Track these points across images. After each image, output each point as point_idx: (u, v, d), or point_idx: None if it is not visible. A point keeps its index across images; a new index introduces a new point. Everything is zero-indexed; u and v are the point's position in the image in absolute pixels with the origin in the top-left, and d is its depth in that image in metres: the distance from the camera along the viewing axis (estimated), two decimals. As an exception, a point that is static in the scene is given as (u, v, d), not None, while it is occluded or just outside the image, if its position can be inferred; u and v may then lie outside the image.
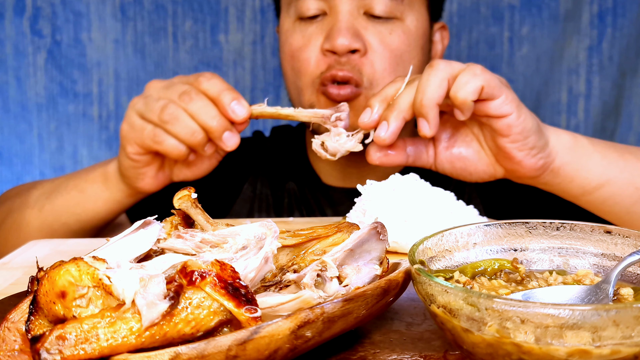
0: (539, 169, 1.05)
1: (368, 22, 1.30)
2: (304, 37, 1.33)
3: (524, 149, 1.02)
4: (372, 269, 0.70)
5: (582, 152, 1.08)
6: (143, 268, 0.64)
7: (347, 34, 1.26)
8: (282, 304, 0.61)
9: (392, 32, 1.32)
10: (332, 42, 1.27)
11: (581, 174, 1.08)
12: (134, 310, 0.56)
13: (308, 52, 1.32)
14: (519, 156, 1.03)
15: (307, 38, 1.32)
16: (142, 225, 0.71)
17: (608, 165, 1.09)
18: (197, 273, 0.57)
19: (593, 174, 1.08)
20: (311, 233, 0.74)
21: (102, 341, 0.55)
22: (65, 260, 0.60)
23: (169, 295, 0.56)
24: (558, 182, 1.09)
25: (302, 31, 1.33)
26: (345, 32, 1.26)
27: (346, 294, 0.63)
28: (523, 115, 1.01)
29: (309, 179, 1.51)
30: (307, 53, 1.32)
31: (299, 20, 1.34)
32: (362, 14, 1.30)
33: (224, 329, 0.58)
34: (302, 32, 1.33)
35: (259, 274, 0.65)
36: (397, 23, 1.32)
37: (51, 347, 0.54)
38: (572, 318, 0.52)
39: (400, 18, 1.32)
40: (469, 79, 0.96)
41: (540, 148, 1.04)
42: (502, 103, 0.99)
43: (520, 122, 1.00)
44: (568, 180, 1.08)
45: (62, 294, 0.58)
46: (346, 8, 1.28)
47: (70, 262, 0.59)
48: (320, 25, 1.31)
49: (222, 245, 0.69)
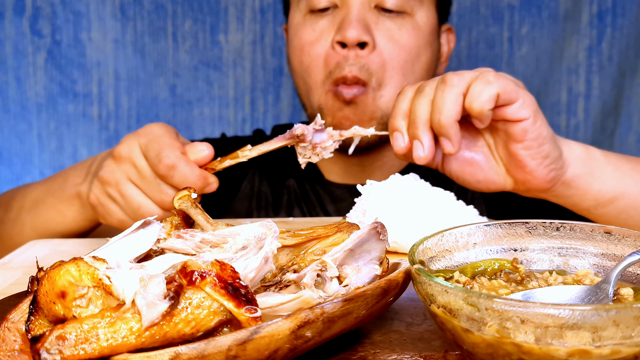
0: (551, 180, 1.01)
1: (378, 16, 1.32)
2: (314, 31, 1.35)
3: (537, 158, 0.98)
4: (372, 269, 0.69)
5: (595, 164, 1.05)
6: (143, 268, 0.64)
7: (357, 25, 1.28)
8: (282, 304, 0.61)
9: (401, 28, 1.33)
10: (343, 33, 1.28)
11: (594, 187, 1.04)
12: (134, 310, 0.56)
13: (318, 48, 1.33)
14: (532, 165, 0.98)
15: (318, 32, 1.34)
16: (142, 225, 0.71)
17: (622, 177, 1.06)
18: (197, 273, 0.57)
19: (607, 187, 1.05)
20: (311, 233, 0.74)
21: (102, 341, 0.55)
22: (65, 260, 0.60)
23: (169, 295, 0.56)
24: (570, 195, 1.05)
25: (313, 24, 1.35)
26: (355, 24, 1.28)
27: (346, 294, 0.63)
28: (539, 121, 0.97)
29: (311, 175, 1.51)
30: (318, 49, 1.34)
31: (310, 14, 1.36)
32: (373, 8, 1.32)
33: (224, 329, 0.58)
34: (312, 25, 1.35)
35: (259, 274, 0.65)
36: (407, 18, 1.33)
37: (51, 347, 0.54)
38: (572, 318, 0.51)
39: (411, 13, 1.33)
40: (482, 88, 0.93)
41: (554, 158, 0.99)
42: (519, 107, 0.95)
43: (536, 128, 0.96)
44: (581, 192, 1.04)
45: (62, 294, 0.58)
46: (357, 0, 1.30)
47: (70, 262, 0.59)
48: (331, 19, 1.33)
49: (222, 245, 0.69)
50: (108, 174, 1.03)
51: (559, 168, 1.01)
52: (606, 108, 2.05)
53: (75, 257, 0.60)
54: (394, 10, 1.32)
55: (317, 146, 0.96)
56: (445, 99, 0.93)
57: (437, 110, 0.93)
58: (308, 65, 1.35)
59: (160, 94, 2.05)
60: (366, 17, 1.31)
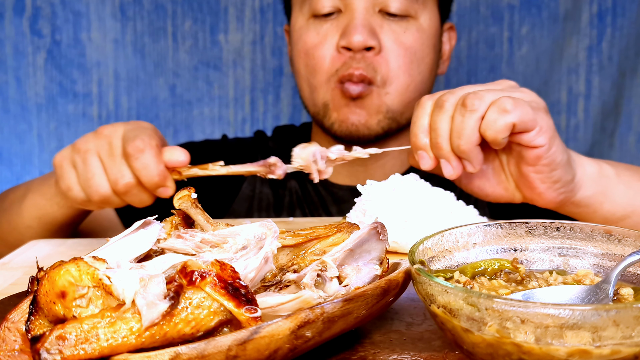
0: (559, 202, 1.00)
1: (383, 20, 1.32)
2: (318, 35, 1.35)
3: (547, 182, 0.97)
4: (372, 269, 0.70)
5: (607, 183, 1.03)
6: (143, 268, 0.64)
7: (363, 31, 1.29)
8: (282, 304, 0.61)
9: (406, 31, 1.33)
10: (349, 39, 1.29)
11: (605, 207, 1.03)
12: (134, 310, 0.56)
13: (323, 50, 1.34)
14: (541, 188, 0.97)
15: (323, 35, 1.34)
16: (142, 226, 0.71)
17: (634, 195, 1.04)
18: (197, 273, 0.57)
19: (618, 205, 1.04)
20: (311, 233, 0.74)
21: (102, 341, 0.55)
22: (66, 260, 0.60)
23: (169, 296, 0.56)
24: (579, 212, 1.04)
25: (317, 29, 1.35)
26: (361, 29, 1.29)
27: (346, 294, 0.63)
28: (555, 147, 0.95)
29: None
30: (322, 51, 1.34)
31: (313, 18, 1.36)
32: (377, 12, 1.32)
33: (224, 329, 0.58)
34: (316, 29, 1.35)
35: (259, 274, 0.65)
36: (412, 21, 1.34)
37: (51, 347, 0.54)
38: (572, 318, 0.52)
39: (415, 16, 1.34)
40: (498, 117, 0.90)
41: (565, 183, 0.98)
42: (535, 135, 0.93)
43: (551, 155, 0.95)
44: (591, 211, 1.03)
45: (62, 294, 0.58)
46: (362, 5, 1.31)
47: (70, 262, 0.59)
48: (335, 23, 1.33)
49: (222, 245, 0.69)
50: (82, 143, 1.03)
51: (569, 191, 1.00)
52: (606, 108, 2.05)
53: (75, 257, 0.60)
54: (398, 14, 1.32)
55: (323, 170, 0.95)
56: (465, 125, 0.92)
57: (458, 136, 0.92)
58: (313, 67, 1.36)
59: (160, 94, 2.05)
60: (371, 21, 1.31)
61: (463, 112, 0.92)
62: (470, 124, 0.91)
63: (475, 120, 0.91)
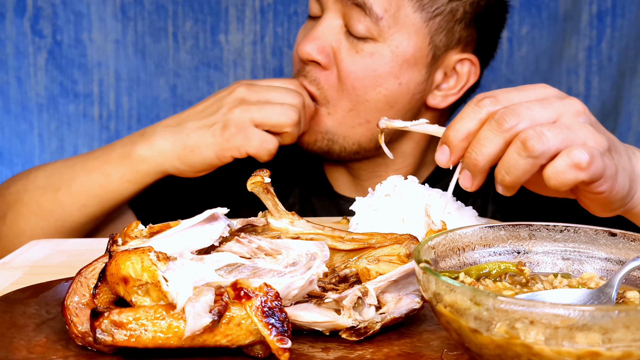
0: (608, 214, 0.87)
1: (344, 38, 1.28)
2: (302, 35, 1.36)
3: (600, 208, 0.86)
4: (413, 302, 0.72)
5: None
6: (202, 261, 0.70)
7: (312, 43, 1.27)
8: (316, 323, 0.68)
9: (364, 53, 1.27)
10: (299, 47, 1.29)
11: None
12: (181, 316, 0.62)
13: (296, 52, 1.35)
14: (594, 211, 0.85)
15: (302, 37, 1.35)
16: (209, 220, 0.75)
17: None
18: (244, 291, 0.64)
19: None
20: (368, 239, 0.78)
21: (149, 333, 0.63)
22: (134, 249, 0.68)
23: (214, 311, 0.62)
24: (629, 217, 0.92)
25: (306, 28, 1.37)
26: (312, 40, 1.28)
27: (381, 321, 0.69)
28: (617, 188, 0.81)
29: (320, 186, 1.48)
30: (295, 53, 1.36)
31: (309, 18, 1.37)
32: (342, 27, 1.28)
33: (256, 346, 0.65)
34: (305, 28, 1.37)
35: (302, 292, 0.69)
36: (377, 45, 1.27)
37: (106, 329, 0.63)
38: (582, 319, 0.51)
39: (381, 40, 1.26)
40: (568, 170, 0.74)
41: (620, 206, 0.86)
42: (599, 184, 0.78)
43: (612, 196, 0.81)
44: None
45: (124, 279, 0.66)
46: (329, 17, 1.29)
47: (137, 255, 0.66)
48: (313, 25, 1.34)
49: (275, 256, 0.73)
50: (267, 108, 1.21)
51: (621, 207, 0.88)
52: (606, 108, 2.05)
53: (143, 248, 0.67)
54: (360, 37, 1.26)
55: None
56: (519, 167, 0.76)
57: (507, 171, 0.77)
58: None
59: (161, 94, 2.06)
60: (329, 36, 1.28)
61: (521, 151, 0.76)
62: (525, 167, 0.76)
63: (532, 166, 0.76)
